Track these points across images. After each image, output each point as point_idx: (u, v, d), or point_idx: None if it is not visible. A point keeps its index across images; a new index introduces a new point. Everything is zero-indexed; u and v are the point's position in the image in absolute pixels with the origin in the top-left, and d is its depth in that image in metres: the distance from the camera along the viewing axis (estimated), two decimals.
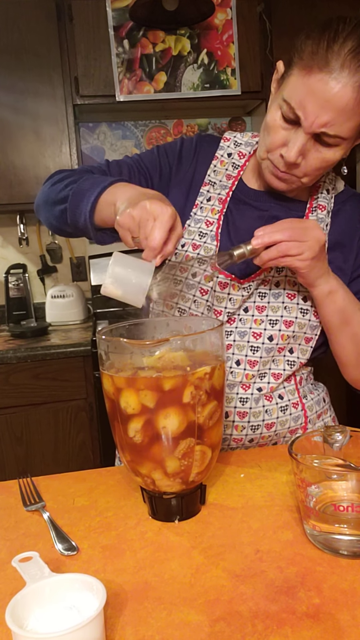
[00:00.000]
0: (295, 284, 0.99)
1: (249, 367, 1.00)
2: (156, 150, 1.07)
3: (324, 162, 0.89)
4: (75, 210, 0.89)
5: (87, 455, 2.24)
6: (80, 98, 2.32)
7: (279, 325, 0.99)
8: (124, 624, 0.58)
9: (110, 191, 0.86)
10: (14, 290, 2.62)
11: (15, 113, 2.31)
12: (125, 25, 2.27)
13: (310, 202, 1.02)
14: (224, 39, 2.34)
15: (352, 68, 0.80)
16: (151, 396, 0.70)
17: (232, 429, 1.00)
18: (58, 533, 0.75)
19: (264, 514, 0.78)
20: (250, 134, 1.08)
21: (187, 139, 1.08)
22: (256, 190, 1.03)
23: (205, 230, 1.00)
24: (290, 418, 1.02)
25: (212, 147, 1.07)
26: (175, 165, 1.05)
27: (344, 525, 0.66)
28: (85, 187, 0.89)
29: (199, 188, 1.04)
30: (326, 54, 0.81)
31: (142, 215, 0.76)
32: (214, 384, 0.73)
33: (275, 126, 0.89)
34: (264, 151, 0.93)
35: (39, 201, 1.01)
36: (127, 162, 1.05)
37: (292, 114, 0.85)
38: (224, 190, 1.03)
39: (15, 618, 0.53)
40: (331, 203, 1.03)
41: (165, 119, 2.76)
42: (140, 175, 1.04)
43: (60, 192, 0.93)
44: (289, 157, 0.87)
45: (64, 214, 0.92)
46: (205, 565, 0.67)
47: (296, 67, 0.85)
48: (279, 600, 0.60)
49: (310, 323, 0.99)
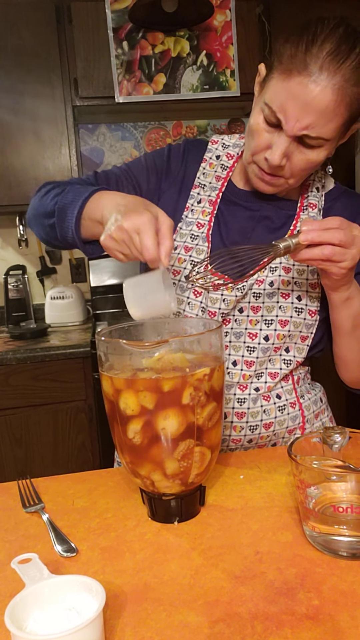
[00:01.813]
0: (289, 283, 0.99)
1: (245, 367, 1.00)
2: (144, 159, 1.08)
3: (308, 163, 0.90)
4: (62, 224, 0.90)
5: (86, 456, 2.24)
6: (79, 99, 2.33)
7: (275, 325, 0.99)
8: (123, 625, 0.58)
9: (92, 203, 0.86)
10: (14, 291, 2.62)
11: (14, 114, 2.31)
12: (124, 26, 2.27)
13: (301, 201, 1.03)
14: (223, 41, 2.35)
15: (330, 70, 0.80)
16: (150, 397, 0.70)
17: (230, 430, 1.00)
18: (57, 534, 0.75)
19: (263, 515, 0.78)
20: (237, 136, 1.09)
21: (174, 145, 1.09)
22: (246, 190, 1.03)
23: (197, 232, 1.01)
24: (288, 418, 1.03)
25: (200, 150, 1.08)
26: (164, 171, 1.06)
27: (343, 527, 0.66)
28: (67, 201, 0.90)
29: (189, 191, 1.05)
30: (305, 57, 0.81)
31: (123, 236, 0.77)
32: (213, 385, 0.73)
33: (258, 130, 0.89)
34: (250, 155, 0.93)
35: (29, 215, 1.02)
36: (115, 172, 1.06)
37: (273, 117, 0.86)
38: (213, 192, 1.03)
39: (15, 620, 0.53)
40: (322, 201, 1.03)
41: (164, 120, 2.76)
42: (129, 184, 1.04)
43: (46, 206, 0.94)
44: (273, 160, 0.88)
45: (53, 229, 0.93)
46: (205, 567, 0.67)
47: (276, 71, 0.85)
48: (279, 601, 0.60)
49: (305, 322, 1.00)
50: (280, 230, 1.02)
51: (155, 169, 1.06)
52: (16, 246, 2.74)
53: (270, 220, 1.02)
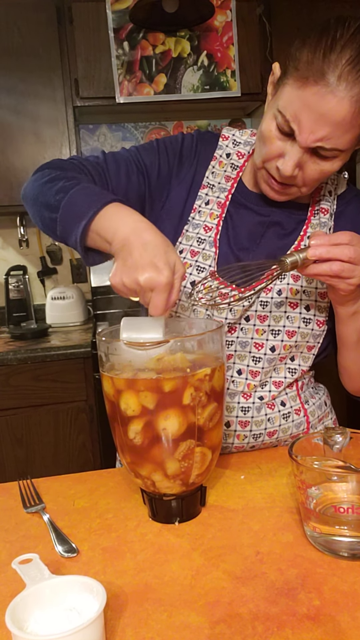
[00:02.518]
0: (297, 292, 0.96)
1: (250, 377, 0.98)
2: (156, 146, 1.01)
3: (322, 174, 0.86)
4: (65, 227, 0.82)
5: (87, 456, 2.24)
6: (80, 100, 2.33)
7: (282, 336, 0.96)
8: (124, 626, 0.58)
9: (104, 218, 0.78)
10: (14, 291, 2.62)
11: (15, 115, 2.31)
12: (125, 27, 2.27)
13: (312, 206, 0.99)
14: (223, 41, 2.35)
15: (349, 80, 0.75)
16: (151, 398, 0.70)
17: (233, 438, 0.98)
18: (58, 535, 0.75)
19: (264, 515, 0.78)
20: (249, 132, 1.04)
21: (187, 136, 1.03)
22: (256, 193, 1.00)
23: (204, 236, 0.97)
24: (292, 425, 1.01)
25: (211, 146, 1.03)
26: (176, 166, 1.01)
27: (344, 527, 0.66)
28: (77, 203, 0.81)
29: (197, 190, 1.00)
30: (322, 64, 0.76)
31: (136, 288, 0.72)
32: (214, 385, 0.73)
33: (270, 137, 0.85)
34: (260, 161, 0.89)
35: (28, 195, 0.92)
36: (125, 156, 0.99)
37: (287, 126, 0.82)
38: (222, 193, 0.99)
39: (15, 620, 0.53)
40: (334, 205, 1.00)
41: (165, 120, 2.76)
42: (139, 173, 0.98)
43: (49, 197, 0.85)
44: (285, 171, 0.84)
45: (53, 222, 0.85)
46: (206, 567, 0.67)
47: (291, 77, 0.80)
48: (280, 602, 0.60)
49: (313, 332, 0.97)
50: (291, 236, 0.98)
51: (167, 162, 1.00)
52: (17, 246, 2.74)
53: (280, 226, 0.99)
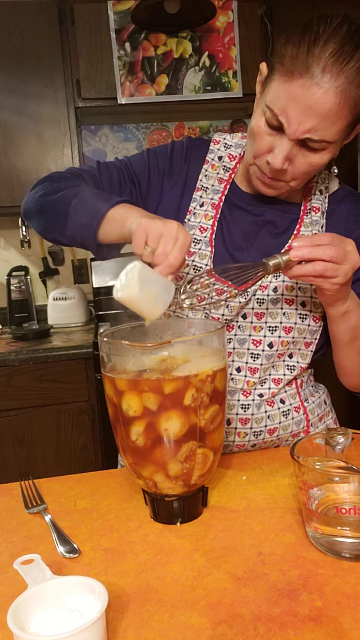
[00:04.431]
0: (292, 289, 0.98)
1: (249, 374, 0.99)
2: (146, 156, 1.05)
3: (311, 167, 0.88)
4: (77, 222, 0.88)
5: (88, 457, 2.24)
6: (82, 101, 2.33)
7: (279, 332, 0.98)
8: (125, 626, 0.58)
9: (118, 209, 0.85)
10: (16, 292, 2.63)
11: (17, 115, 2.31)
12: (127, 28, 2.27)
13: (304, 204, 1.01)
14: (225, 42, 2.35)
15: (334, 72, 0.78)
16: (153, 399, 0.70)
17: (234, 436, 0.99)
18: (60, 535, 0.75)
19: (266, 516, 0.77)
20: (240, 135, 1.07)
21: (177, 142, 1.07)
22: (249, 193, 1.02)
23: (199, 236, 0.99)
24: (292, 422, 1.02)
25: (203, 151, 1.06)
26: (167, 171, 1.04)
27: (346, 528, 0.66)
28: (90, 202, 0.87)
29: (191, 193, 1.03)
30: (307, 58, 0.78)
31: (166, 232, 0.76)
32: (216, 386, 0.73)
33: (260, 132, 0.87)
34: (251, 157, 0.92)
35: (31, 208, 0.98)
36: (117, 165, 1.04)
37: (275, 120, 0.84)
38: (216, 195, 1.02)
39: (17, 621, 0.53)
40: (325, 204, 1.01)
41: (167, 121, 2.76)
42: (130, 181, 1.02)
43: (57, 204, 0.91)
44: (275, 164, 0.86)
45: (62, 226, 0.90)
46: (207, 568, 0.67)
47: (277, 73, 0.83)
48: (281, 603, 0.60)
49: (309, 328, 0.99)
50: (284, 235, 1.00)
51: (157, 168, 1.04)
52: (19, 247, 2.74)
53: (273, 225, 1.01)
